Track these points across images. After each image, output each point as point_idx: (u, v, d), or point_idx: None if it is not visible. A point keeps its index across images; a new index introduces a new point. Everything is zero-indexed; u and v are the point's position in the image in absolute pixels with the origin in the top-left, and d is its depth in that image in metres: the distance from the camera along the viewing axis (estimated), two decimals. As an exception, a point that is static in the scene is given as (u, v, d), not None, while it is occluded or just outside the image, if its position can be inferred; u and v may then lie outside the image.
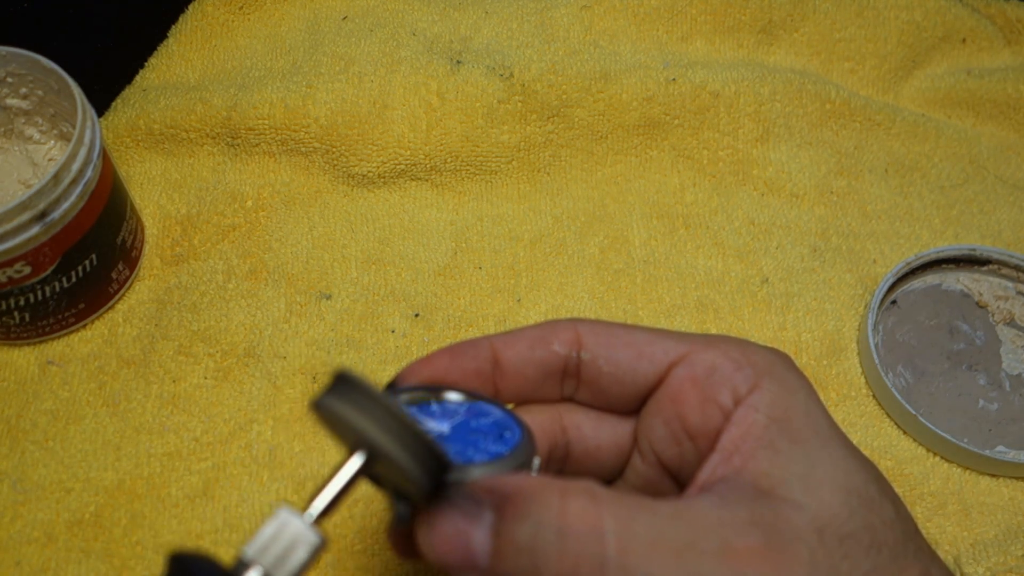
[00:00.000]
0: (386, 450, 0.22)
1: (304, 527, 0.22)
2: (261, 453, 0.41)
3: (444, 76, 0.50)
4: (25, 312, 0.42)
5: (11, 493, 0.40)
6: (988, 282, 0.49)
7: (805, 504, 0.24)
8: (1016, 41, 0.57)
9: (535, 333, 0.28)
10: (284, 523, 0.22)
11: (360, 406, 0.22)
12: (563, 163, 0.52)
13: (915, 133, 0.54)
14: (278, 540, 0.22)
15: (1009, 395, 0.45)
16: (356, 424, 0.22)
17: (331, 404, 0.22)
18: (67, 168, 0.39)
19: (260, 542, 0.22)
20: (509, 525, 0.23)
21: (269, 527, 0.22)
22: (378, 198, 0.50)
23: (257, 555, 0.22)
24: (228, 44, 0.54)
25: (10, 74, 0.43)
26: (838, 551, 0.23)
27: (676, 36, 0.56)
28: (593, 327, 0.28)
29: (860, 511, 0.24)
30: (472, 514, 0.23)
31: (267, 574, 0.22)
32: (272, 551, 0.22)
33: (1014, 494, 0.42)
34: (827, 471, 0.25)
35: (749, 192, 0.52)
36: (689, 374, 0.27)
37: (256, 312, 0.46)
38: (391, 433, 0.22)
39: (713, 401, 0.26)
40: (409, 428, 0.22)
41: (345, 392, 0.22)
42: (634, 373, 0.28)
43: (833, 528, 0.24)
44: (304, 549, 0.22)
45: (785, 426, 0.26)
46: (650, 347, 0.28)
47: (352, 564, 0.38)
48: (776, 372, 0.27)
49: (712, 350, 0.27)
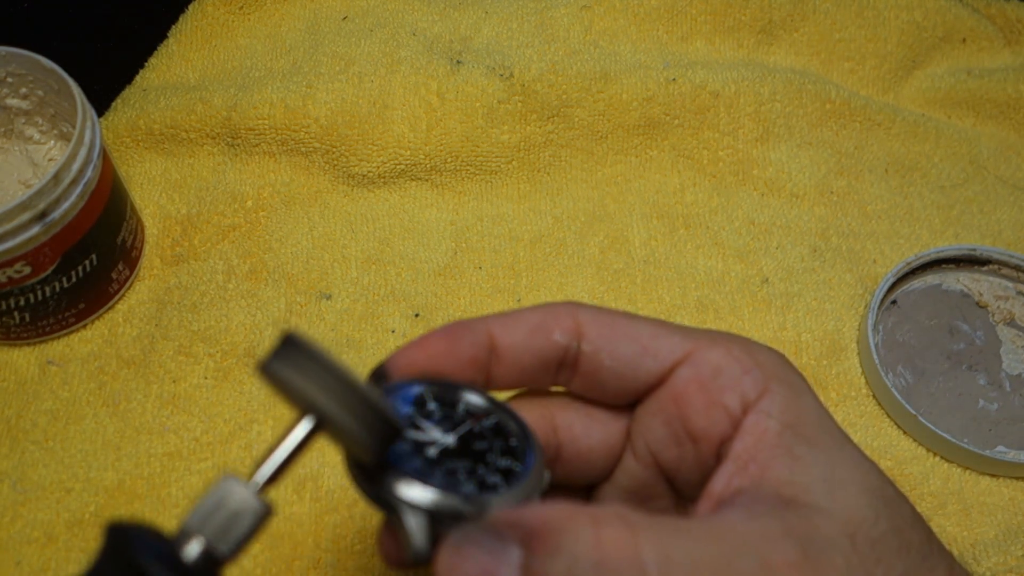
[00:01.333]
0: (333, 416, 0.21)
1: (249, 496, 0.21)
2: (261, 453, 0.41)
3: (444, 76, 0.50)
4: (25, 312, 0.42)
5: (11, 493, 0.40)
6: (988, 282, 0.49)
7: (832, 510, 0.23)
8: (1016, 41, 0.57)
9: (535, 319, 0.27)
10: (228, 492, 0.21)
11: (307, 370, 0.21)
12: (563, 163, 0.52)
13: (915, 133, 0.54)
14: (221, 509, 0.21)
15: (1009, 395, 0.45)
16: (302, 390, 0.21)
17: (277, 368, 0.21)
18: (67, 168, 0.39)
19: (203, 511, 0.21)
20: (541, 562, 0.21)
21: (212, 496, 0.21)
22: (378, 198, 0.50)
23: (199, 525, 0.21)
24: (228, 44, 0.54)
25: (10, 74, 0.43)
26: (871, 556, 0.23)
27: (676, 36, 0.56)
28: (595, 316, 0.27)
29: (885, 513, 0.24)
30: (497, 552, 0.22)
31: (210, 544, 0.21)
32: (215, 521, 0.21)
33: (1014, 494, 0.42)
34: (848, 473, 0.24)
35: (749, 192, 0.52)
36: (694, 375, 0.26)
37: (256, 312, 0.46)
38: (338, 398, 0.21)
39: (719, 404, 0.26)
40: (357, 392, 0.21)
41: (292, 355, 0.21)
42: (636, 370, 0.27)
43: (863, 532, 0.23)
44: (249, 518, 0.21)
45: (799, 431, 0.25)
46: (654, 343, 0.27)
47: (352, 564, 0.38)
48: (782, 375, 0.26)
49: (717, 348, 0.26)
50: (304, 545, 0.39)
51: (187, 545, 0.21)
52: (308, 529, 0.39)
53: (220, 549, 0.21)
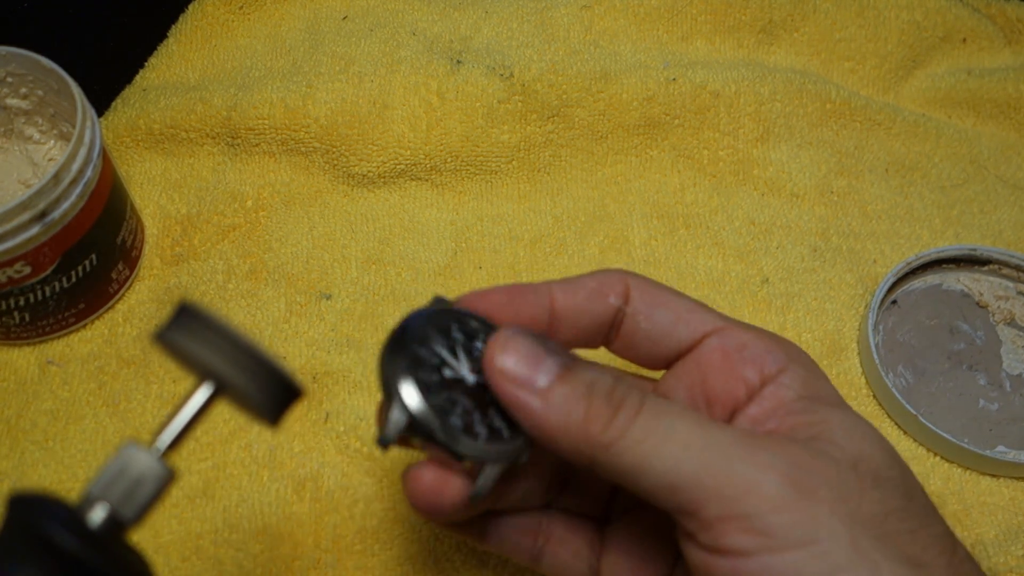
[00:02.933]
0: (230, 379, 0.22)
1: (152, 460, 0.22)
2: (261, 453, 0.41)
3: (444, 76, 0.50)
4: (25, 312, 0.42)
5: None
6: (988, 282, 0.49)
7: (846, 446, 0.24)
8: (1016, 41, 0.57)
9: (592, 283, 0.29)
10: (130, 457, 0.22)
11: (202, 337, 0.22)
12: (563, 163, 0.52)
13: (915, 133, 0.54)
14: (124, 475, 0.22)
15: (1009, 395, 0.45)
16: (199, 355, 0.22)
17: (173, 336, 0.22)
18: (67, 168, 0.39)
19: (106, 478, 0.22)
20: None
21: (115, 463, 0.22)
22: (378, 198, 0.50)
23: (103, 491, 0.22)
24: (228, 44, 0.54)
25: (10, 74, 0.43)
26: (870, 482, 0.24)
27: (676, 36, 0.56)
28: (642, 283, 0.29)
29: (898, 464, 0.25)
30: (542, 351, 0.26)
31: (114, 510, 0.22)
32: (118, 486, 0.22)
33: (1014, 494, 0.42)
34: (865, 429, 0.25)
35: (749, 192, 0.52)
36: (720, 345, 0.28)
37: (256, 312, 0.46)
38: (234, 362, 0.22)
39: (739, 375, 0.27)
40: (253, 355, 0.22)
41: (187, 323, 0.22)
42: (669, 336, 0.29)
43: (869, 467, 0.24)
44: (152, 483, 0.22)
45: (817, 400, 0.26)
46: (689, 315, 0.29)
47: (352, 564, 0.38)
48: (804, 359, 0.28)
49: (747, 331, 0.28)
50: (304, 545, 0.39)
51: (91, 511, 0.21)
52: (308, 529, 0.39)
53: (124, 514, 0.22)
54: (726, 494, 0.22)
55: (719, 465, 0.23)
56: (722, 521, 0.22)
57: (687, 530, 0.24)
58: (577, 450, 0.24)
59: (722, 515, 0.22)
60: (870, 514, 0.23)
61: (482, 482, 0.26)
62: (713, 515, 0.22)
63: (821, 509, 0.22)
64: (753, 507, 0.22)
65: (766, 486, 0.22)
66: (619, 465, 0.24)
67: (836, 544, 0.22)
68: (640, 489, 0.24)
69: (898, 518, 0.23)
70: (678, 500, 0.23)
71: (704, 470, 0.23)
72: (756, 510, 0.22)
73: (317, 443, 0.41)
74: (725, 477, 0.22)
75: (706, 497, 0.22)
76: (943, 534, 0.24)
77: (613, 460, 0.24)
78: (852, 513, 0.22)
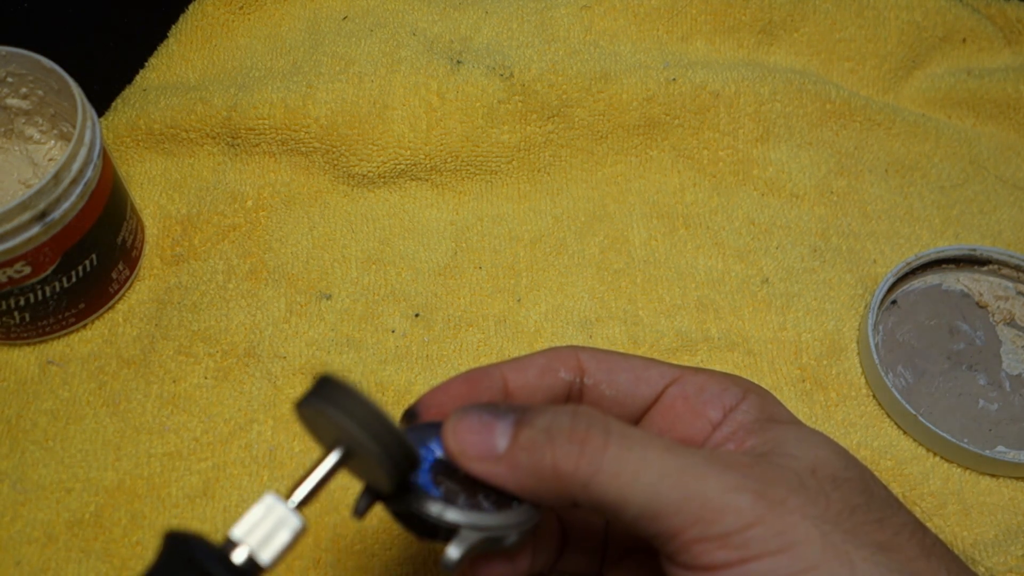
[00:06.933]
0: (366, 445, 0.24)
1: (288, 512, 0.24)
2: (261, 453, 0.41)
3: (444, 76, 0.50)
4: (25, 312, 0.42)
5: (11, 493, 0.40)
6: (988, 282, 0.49)
7: (801, 455, 0.26)
8: (1016, 41, 0.57)
9: (542, 361, 0.30)
10: (270, 507, 0.24)
11: (342, 404, 0.24)
12: (563, 163, 0.52)
13: (915, 133, 0.54)
14: (264, 523, 0.24)
15: (1009, 395, 0.45)
16: (340, 421, 0.24)
17: (315, 403, 0.24)
18: (67, 168, 0.39)
19: (247, 524, 0.24)
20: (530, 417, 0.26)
21: (256, 510, 0.24)
22: (378, 198, 0.50)
23: (244, 535, 0.24)
24: (228, 44, 0.54)
25: (10, 74, 0.43)
26: (829, 484, 0.25)
27: (676, 36, 0.56)
28: (593, 354, 0.31)
29: (854, 466, 0.26)
30: (495, 417, 0.27)
31: (253, 553, 0.24)
32: (258, 532, 0.24)
33: (1014, 494, 0.42)
34: (818, 439, 0.27)
35: (749, 192, 0.52)
36: (681, 392, 0.30)
37: (256, 312, 0.46)
38: (371, 430, 0.24)
39: (703, 414, 0.29)
40: (385, 425, 0.24)
41: (327, 392, 0.24)
42: (632, 396, 0.30)
43: (826, 472, 0.25)
44: (287, 531, 0.24)
45: (772, 419, 0.28)
46: (646, 372, 0.30)
47: (352, 564, 0.38)
48: (758, 389, 0.29)
49: (701, 374, 0.30)
50: (304, 545, 0.39)
51: (234, 552, 0.24)
52: (308, 529, 0.39)
53: (261, 557, 0.24)
54: (704, 517, 0.24)
55: (694, 489, 0.24)
56: (701, 542, 0.24)
57: (667, 551, 0.25)
58: (558, 495, 0.25)
59: (702, 536, 0.24)
60: (836, 512, 0.24)
61: (450, 550, 0.26)
62: (693, 537, 0.24)
63: (793, 517, 0.24)
64: (731, 525, 0.24)
65: (741, 504, 0.24)
66: (601, 500, 0.25)
67: (810, 545, 0.23)
68: (624, 520, 0.25)
69: (863, 511, 0.25)
70: (657, 527, 0.24)
71: (682, 497, 0.24)
72: (734, 527, 0.24)
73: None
74: (702, 501, 0.24)
75: (686, 522, 0.24)
76: (910, 522, 0.26)
77: (594, 497, 0.25)
78: (821, 515, 0.24)
